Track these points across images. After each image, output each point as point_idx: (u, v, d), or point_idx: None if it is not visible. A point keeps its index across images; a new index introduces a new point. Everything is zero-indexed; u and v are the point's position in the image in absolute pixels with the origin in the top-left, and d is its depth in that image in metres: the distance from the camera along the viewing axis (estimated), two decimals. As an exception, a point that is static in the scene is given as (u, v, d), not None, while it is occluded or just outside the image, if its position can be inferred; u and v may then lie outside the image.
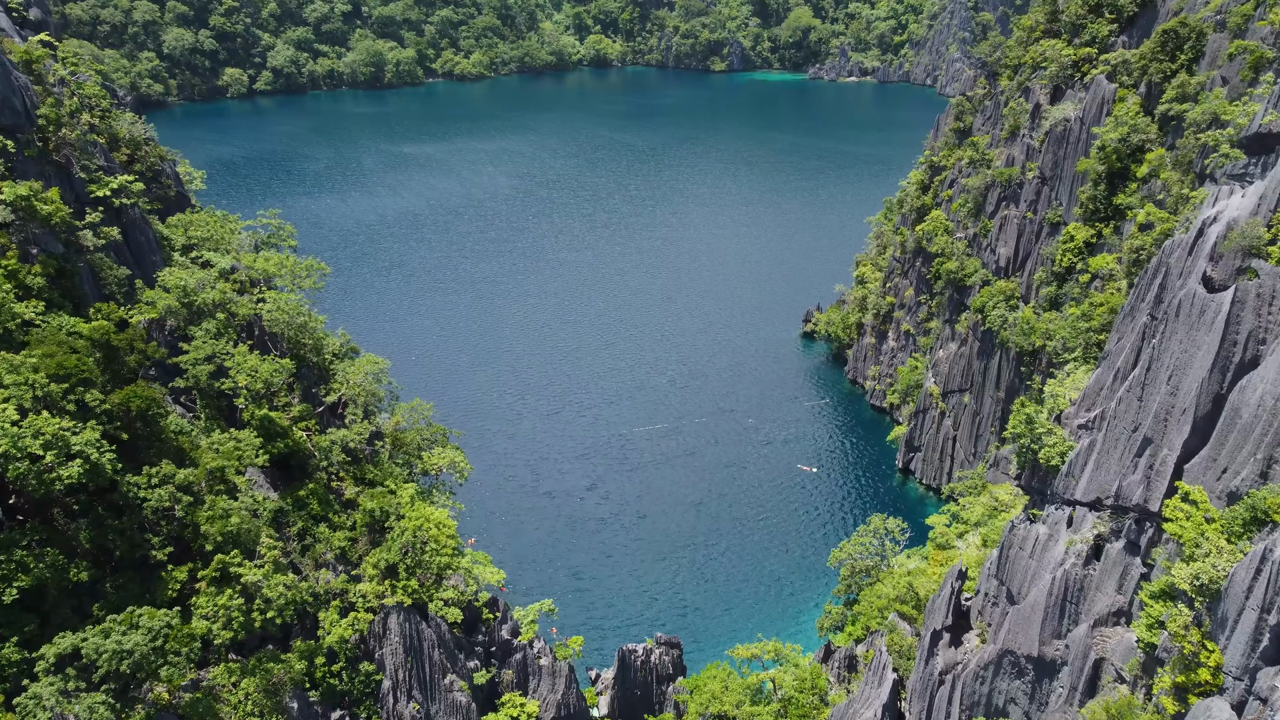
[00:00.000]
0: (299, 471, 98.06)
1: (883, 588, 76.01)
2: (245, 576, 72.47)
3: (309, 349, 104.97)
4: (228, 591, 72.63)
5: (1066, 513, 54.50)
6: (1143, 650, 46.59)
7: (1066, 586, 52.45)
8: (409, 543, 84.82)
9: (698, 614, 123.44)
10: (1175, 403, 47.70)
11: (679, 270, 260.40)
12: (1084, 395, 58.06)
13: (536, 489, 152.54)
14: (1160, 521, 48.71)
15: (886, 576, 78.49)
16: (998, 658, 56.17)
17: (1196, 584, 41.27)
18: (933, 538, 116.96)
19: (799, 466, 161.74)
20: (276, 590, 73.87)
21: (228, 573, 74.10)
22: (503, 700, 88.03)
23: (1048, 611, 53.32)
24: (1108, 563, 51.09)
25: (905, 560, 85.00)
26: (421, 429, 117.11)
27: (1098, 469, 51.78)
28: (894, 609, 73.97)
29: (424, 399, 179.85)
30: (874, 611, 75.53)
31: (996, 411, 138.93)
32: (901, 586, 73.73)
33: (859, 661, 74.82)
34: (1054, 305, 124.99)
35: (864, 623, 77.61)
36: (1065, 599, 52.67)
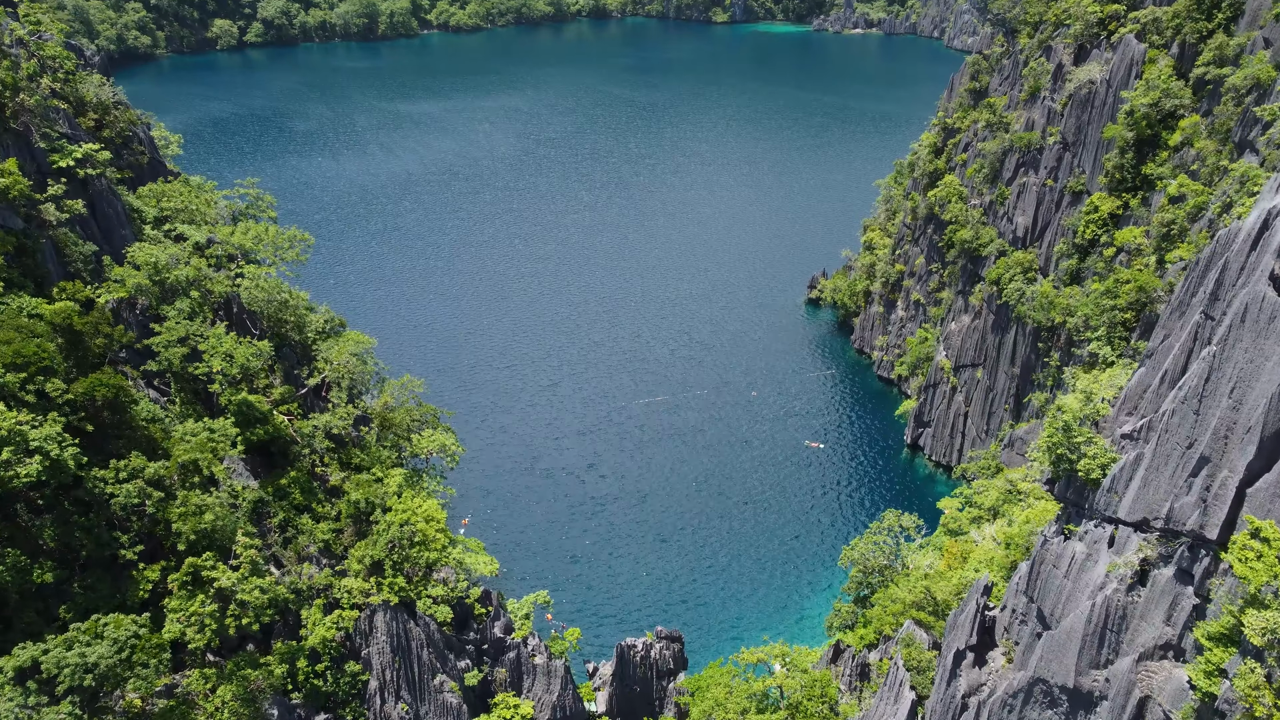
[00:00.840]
0: (281, 458, 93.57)
1: (898, 591, 71.85)
2: (219, 581, 68.09)
3: (290, 327, 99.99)
4: (199, 597, 68.31)
5: (1108, 531, 49.89)
6: (1199, 698, 42.26)
7: (1108, 613, 48.02)
8: (395, 538, 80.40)
9: (700, 602, 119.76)
10: (1238, 419, 42.82)
11: (680, 233, 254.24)
12: (1124, 397, 53.10)
13: (533, 467, 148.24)
14: (1218, 550, 44.09)
15: (901, 579, 74.33)
16: (1028, 686, 51.96)
17: (1272, 638, 36.92)
18: (945, 523, 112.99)
19: (806, 443, 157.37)
20: (253, 594, 69.50)
21: (200, 576, 69.63)
22: (495, 701, 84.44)
23: (1086, 639, 48.95)
24: (1155, 590, 46.54)
25: (919, 556, 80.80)
26: (411, 409, 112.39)
27: (1145, 486, 47.01)
28: (910, 615, 69.88)
29: (417, 372, 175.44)
30: (888, 616, 71.50)
31: (1011, 388, 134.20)
32: (918, 591, 69.61)
33: (871, 669, 70.94)
34: (1075, 279, 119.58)
35: (876, 626, 73.62)
36: (1106, 627, 48.29)
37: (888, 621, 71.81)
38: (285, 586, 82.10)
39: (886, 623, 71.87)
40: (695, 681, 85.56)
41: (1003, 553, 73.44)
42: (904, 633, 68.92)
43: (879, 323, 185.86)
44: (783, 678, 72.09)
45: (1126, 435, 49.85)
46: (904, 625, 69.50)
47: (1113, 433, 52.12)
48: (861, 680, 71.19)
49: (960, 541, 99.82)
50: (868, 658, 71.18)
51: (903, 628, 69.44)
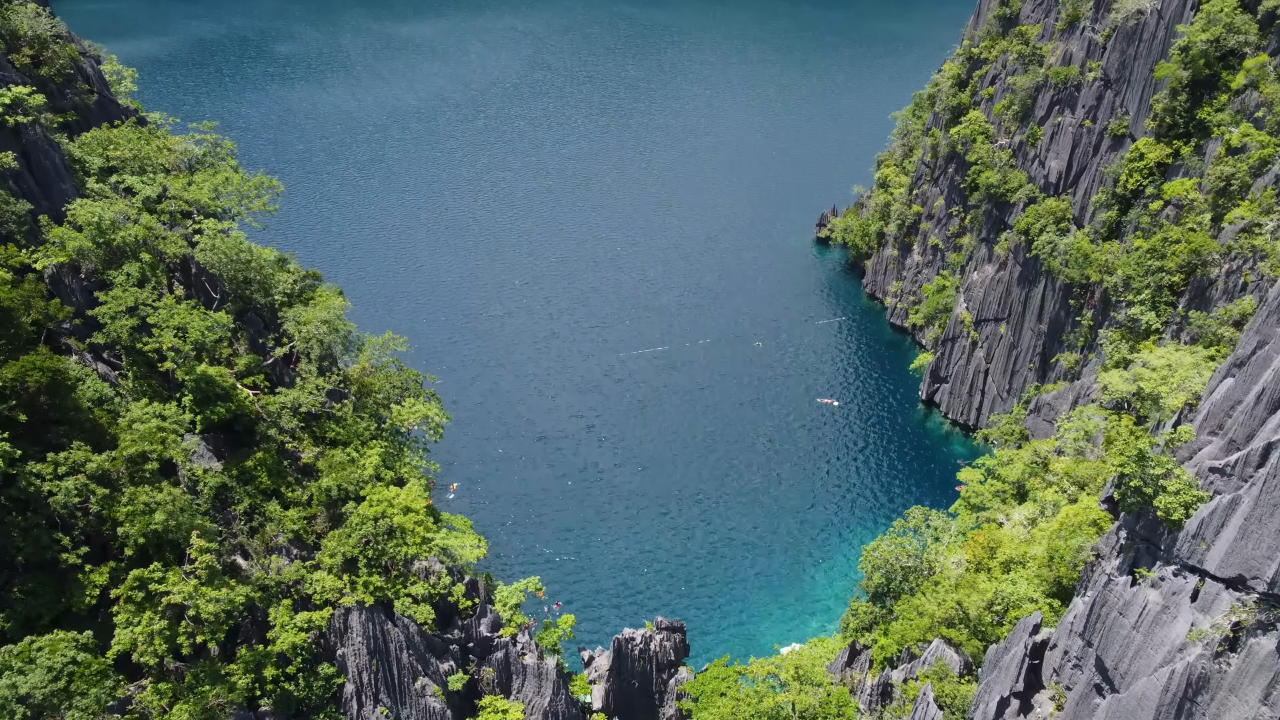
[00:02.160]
0: (247, 435, 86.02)
1: (925, 603, 65.08)
2: (170, 596, 61.14)
3: (255, 289, 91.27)
4: (147, 614, 61.42)
5: (1190, 583, 42.50)
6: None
7: (1190, 683, 40.84)
8: (369, 534, 73.31)
9: (703, 582, 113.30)
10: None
11: (683, 164, 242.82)
12: (1207, 412, 45.14)
13: (528, 431, 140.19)
14: (1337, 627, 36.58)
15: (928, 587, 67.51)
16: (1088, 754, 45.18)
17: None
18: (966, 497, 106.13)
19: (819, 400, 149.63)
20: (209, 607, 62.64)
21: (150, 589, 62.69)
22: (483, 704, 78.53)
23: (1161, 710, 41.99)
24: (1251, 663, 39.28)
25: (946, 553, 73.82)
26: (391, 374, 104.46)
27: (1243, 539, 39.39)
28: (939, 632, 63.23)
29: (401, 322, 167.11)
30: (913, 630, 64.84)
31: (1037, 346, 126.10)
32: (948, 606, 62.83)
33: (893, 689, 64.54)
34: (1114, 234, 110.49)
35: (899, 636, 66.97)
36: (1187, 698, 41.18)
37: (913, 635, 65.17)
38: (251, 585, 75.48)
39: (911, 636, 65.24)
40: (699, 685, 79.59)
41: (1044, 569, 66.33)
42: (933, 655, 62.30)
43: (893, 267, 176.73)
44: (795, 692, 65.76)
45: (1217, 469, 41.90)
46: (932, 644, 62.83)
47: (1198, 461, 44.13)
48: (883, 701, 64.91)
49: (986, 527, 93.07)
50: (890, 676, 64.77)
51: (931, 647, 62.80)
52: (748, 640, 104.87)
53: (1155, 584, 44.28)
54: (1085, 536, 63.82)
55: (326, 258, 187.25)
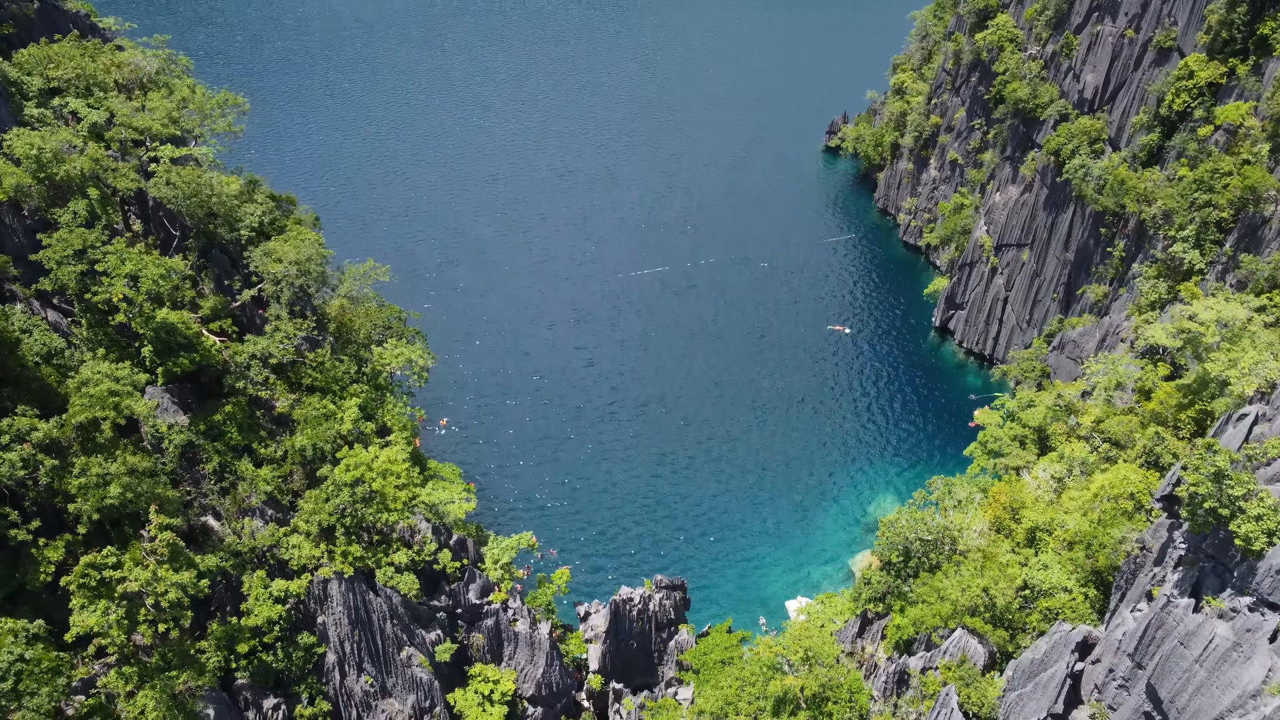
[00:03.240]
0: (215, 385, 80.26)
1: (947, 585, 60.28)
2: (126, 584, 56.31)
3: (220, 224, 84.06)
4: (103, 603, 56.66)
5: (1271, 623, 37.18)
6: None
7: (1265, 735, 35.91)
8: (345, 503, 68.26)
9: (705, 532, 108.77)
10: None
11: (686, 68, 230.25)
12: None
13: (522, 363, 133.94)
14: None
15: (949, 568, 62.61)
16: (1139, 795, 40.79)
17: None
18: (983, 441, 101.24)
19: (829, 328, 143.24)
20: (171, 593, 57.93)
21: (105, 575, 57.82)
22: (473, 673, 74.87)
23: (1228, 762, 37.10)
24: (1341, 726, 34.16)
25: (967, 522, 68.67)
26: (372, 311, 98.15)
27: (1342, 582, 33.68)
28: (961, 620, 58.69)
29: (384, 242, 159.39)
30: (933, 617, 60.31)
31: (1061, 276, 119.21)
32: (973, 594, 58.08)
33: (910, 678, 60.46)
34: (1155, 159, 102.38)
35: (916, 618, 62.47)
36: (1259, 752, 36.35)
37: (932, 621, 60.64)
38: (222, 553, 70.93)
39: (931, 622, 60.73)
40: (700, 654, 75.94)
41: (1079, 550, 61.28)
42: (955, 647, 57.87)
43: (907, 181, 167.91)
44: (805, 676, 61.68)
45: (1310, 492, 35.99)
46: (955, 635, 58.33)
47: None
48: (899, 689, 60.92)
49: (1006, 479, 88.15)
50: (907, 664, 60.57)
51: (953, 638, 58.33)
52: (751, 591, 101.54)
53: (1225, 616, 39.07)
54: (1127, 523, 58.71)
55: (303, 174, 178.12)
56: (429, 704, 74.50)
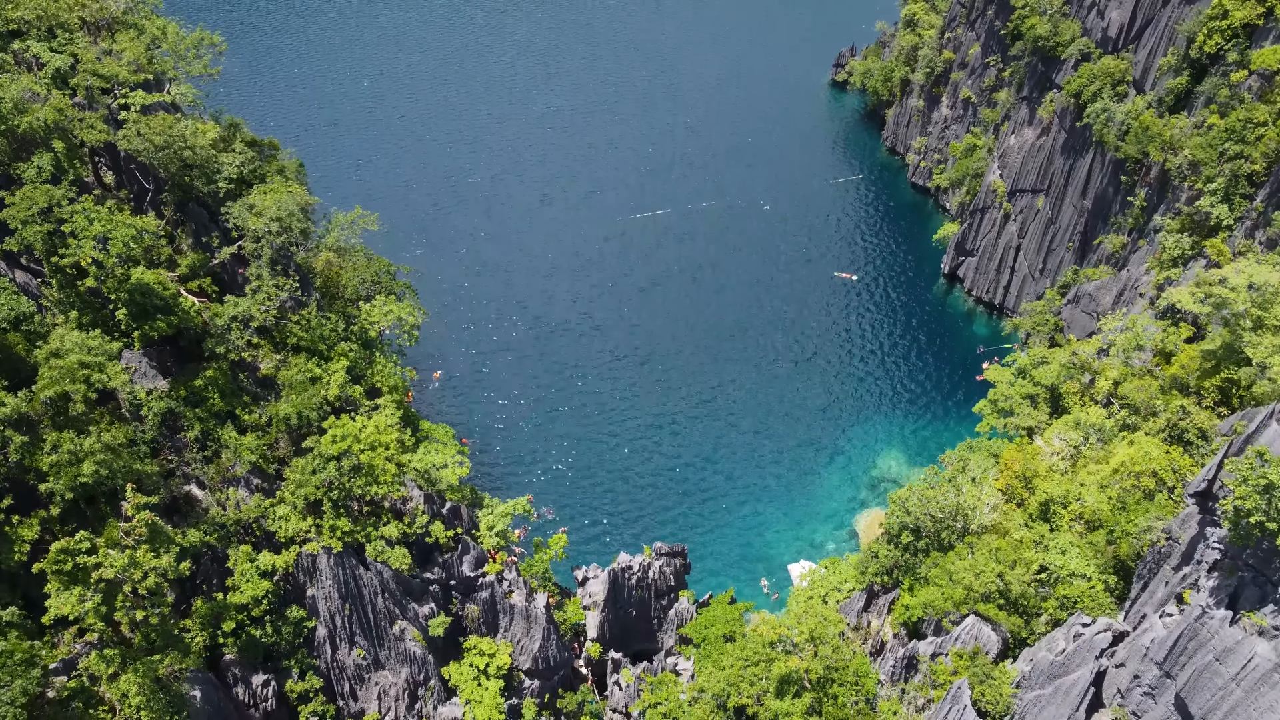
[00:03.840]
0: (196, 347, 77.10)
1: (959, 568, 57.98)
2: (101, 571, 53.97)
3: (196, 175, 79.91)
4: (78, 590, 54.40)
5: (1318, 645, 34.69)
6: None
7: (1309, 767, 33.80)
8: (332, 478, 65.68)
9: (707, 492, 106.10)
10: None
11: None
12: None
13: (518, 319, 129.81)
14: None
15: (962, 549, 60.18)
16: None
17: None
18: (993, 399, 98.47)
19: (835, 274, 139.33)
20: (150, 579, 55.62)
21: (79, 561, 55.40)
22: (468, 645, 73.28)
23: (1264, 789, 35.05)
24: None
25: (980, 496, 66.16)
26: (360, 264, 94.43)
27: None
28: (974, 605, 56.59)
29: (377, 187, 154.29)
30: (944, 601, 58.16)
31: (1078, 224, 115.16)
32: (988, 579, 55.83)
33: (919, 662, 58.66)
34: (1181, 104, 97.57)
35: (926, 599, 60.37)
36: (1299, 783, 34.27)
37: (943, 605, 58.53)
38: (206, 526, 68.64)
39: (942, 606, 58.62)
40: (700, 627, 74.27)
41: (1098, 535, 58.85)
42: (968, 634, 55.88)
43: (917, 119, 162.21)
44: (810, 659, 59.94)
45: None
46: (967, 622, 56.29)
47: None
48: (908, 673, 59.18)
49: (1018, 442, 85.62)
50: (917, 649, 58.70)
51: (966, 625, 56.30)
52: (754, 551, 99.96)
53: (1267, 634, 36.62)
54: (1151, 510, 56.20)
55: (287, 116, 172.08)
56: (423, 677, 73.16)
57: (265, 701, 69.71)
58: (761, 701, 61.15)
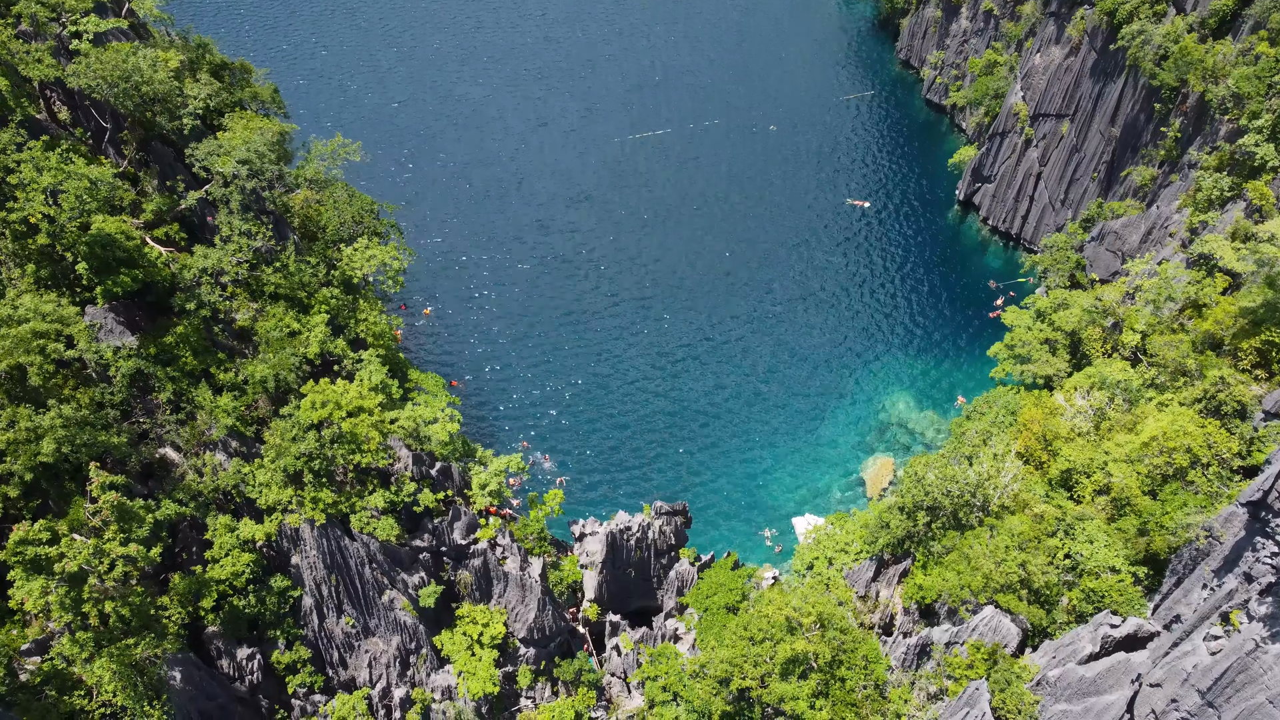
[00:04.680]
0: (165, 298, 72.66)
1: (978, 553, 54.85)
2: (65, 562, 50.86)
3: (159, 110, 74.07)
4: (39, 582, 51.41)
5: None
6: None
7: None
8: (312, 450, 62.12)
9: (710, 437, 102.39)
10: None
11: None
12: None
13: (512, 251, 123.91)
14: None
15: (982, 534, 56.86)
16: None
17: None
18: (1010, 344, 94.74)
19: (847, 201, 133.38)
20: (118, 568, 52.64)
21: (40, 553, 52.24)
22: (460, 613, 70.97)
23: None
24: None
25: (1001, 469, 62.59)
26: (341, 204, 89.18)
27: None
28: (992, 593, 53.68)
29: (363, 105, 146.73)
30: (959, 588, 55.21)
31: (1104, 154, 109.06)
32: (1010, 570, 52.78)
33: (933, 649, 56.15)
34: (1226, 28, 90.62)
35: (942, 586, 57.45)
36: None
37: (959, 593, 55.64)
38: (182, 496, 65.42)
39: (958, 594, 55.73)
40: (701, 596, 71.70)
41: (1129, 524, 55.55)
42: (986, 627, 53.15)
43: (934, 31, 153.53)
44: (818, 641, 57.44)
45: None
46: (985, 613, 53.48)
47: None
48: (919, 659, 56.74)
49: (1037, 395, 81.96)
50: (931, 636, 56.09)
51: (984, 615, 53.52)
52: (757, 499, 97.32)
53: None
54: (1190, 501, 52.80)
55: (260, 33, 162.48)
56: (414, 645, 71.11)
57: (251, 675, 67.78)
58: (766, 683, 58.87)
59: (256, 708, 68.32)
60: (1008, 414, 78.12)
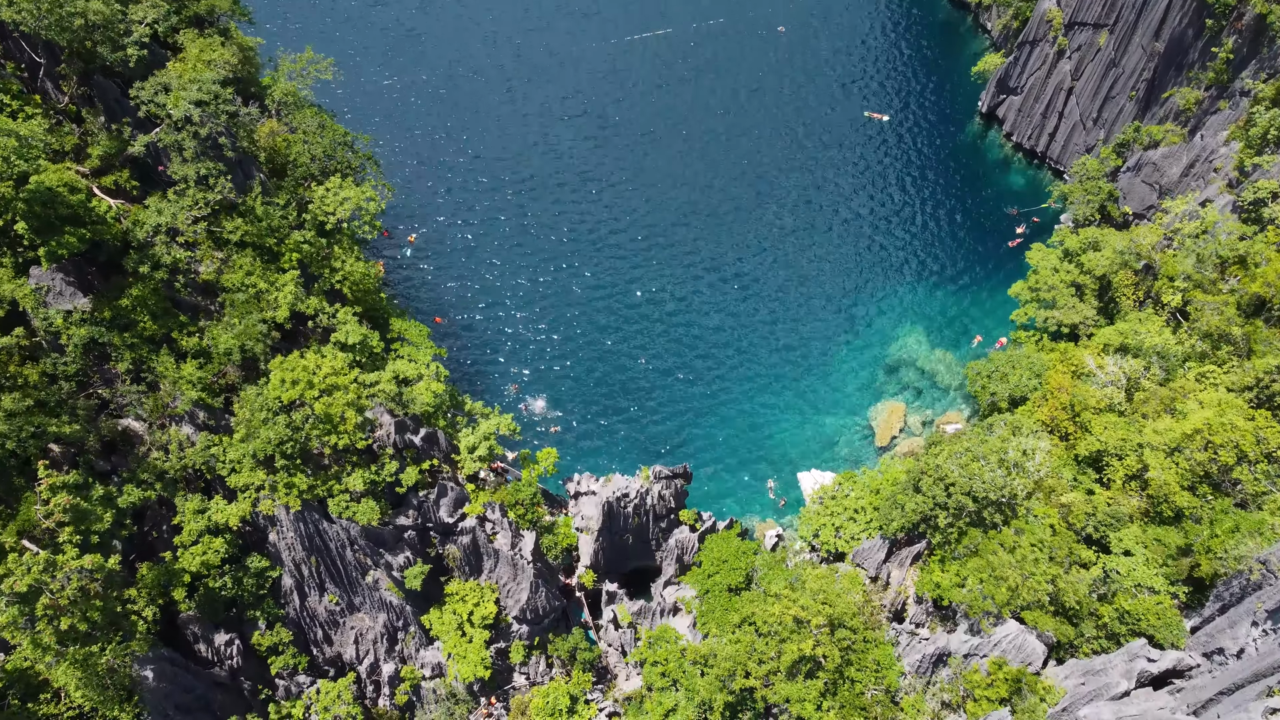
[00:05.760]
0: (120, 255, 66.97)
1: (1005, 564, 51.02)
2: (11, 580, 47.11)
3: (100, 41, 66.70)
4: (-15, 601, 47.68)
5: None
6: None
7: None
8: (283, 437, 57.68)
9: (711, 375, 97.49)
10: None
11: None
12: None
13: (503, 173, 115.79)
14: None
15: (1008, 538, 52.94)
16: None
17: None
18: (1034, 286, 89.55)
19: (865, 114, 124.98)
20: (71, 585, 48.98)
21: (-16, 563, 48.52)
22: (449, 590, 68.14)
23: None
24: None
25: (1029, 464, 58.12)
26: (313, 137, 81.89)
27: None
28: (1016, 606, 50.22)
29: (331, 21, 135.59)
30: (979, 598, 51.70)
31: (1145, 70, 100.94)
32: (1039, 585, 49.06)
33: (950, 659, 53.14)
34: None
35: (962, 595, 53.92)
36: None
37: (980, 604, 52.15)
38: (146, 474, 61.29)
39: (979, 604, 52.25)
40: (702, 577, 68.36)
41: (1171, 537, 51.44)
42: (1011, 645, 49.93)
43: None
44: (827, 644, 54.51)
45: None
46: (1009, 629, 50.14)
47: None
48: (937, 667, 53.83)
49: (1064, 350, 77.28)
50: (949, 645, 52.98)
51: (1008, 632, 50.21)
52: (761, 442, 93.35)
53: None
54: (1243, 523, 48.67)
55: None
56: (402, 624, 68.40)
57: (230, 660, 65.16)
58: (771, 683, 56.18)
59: (238, 691, 66.06)
60: (1032, 376, 73.43)
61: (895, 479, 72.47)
